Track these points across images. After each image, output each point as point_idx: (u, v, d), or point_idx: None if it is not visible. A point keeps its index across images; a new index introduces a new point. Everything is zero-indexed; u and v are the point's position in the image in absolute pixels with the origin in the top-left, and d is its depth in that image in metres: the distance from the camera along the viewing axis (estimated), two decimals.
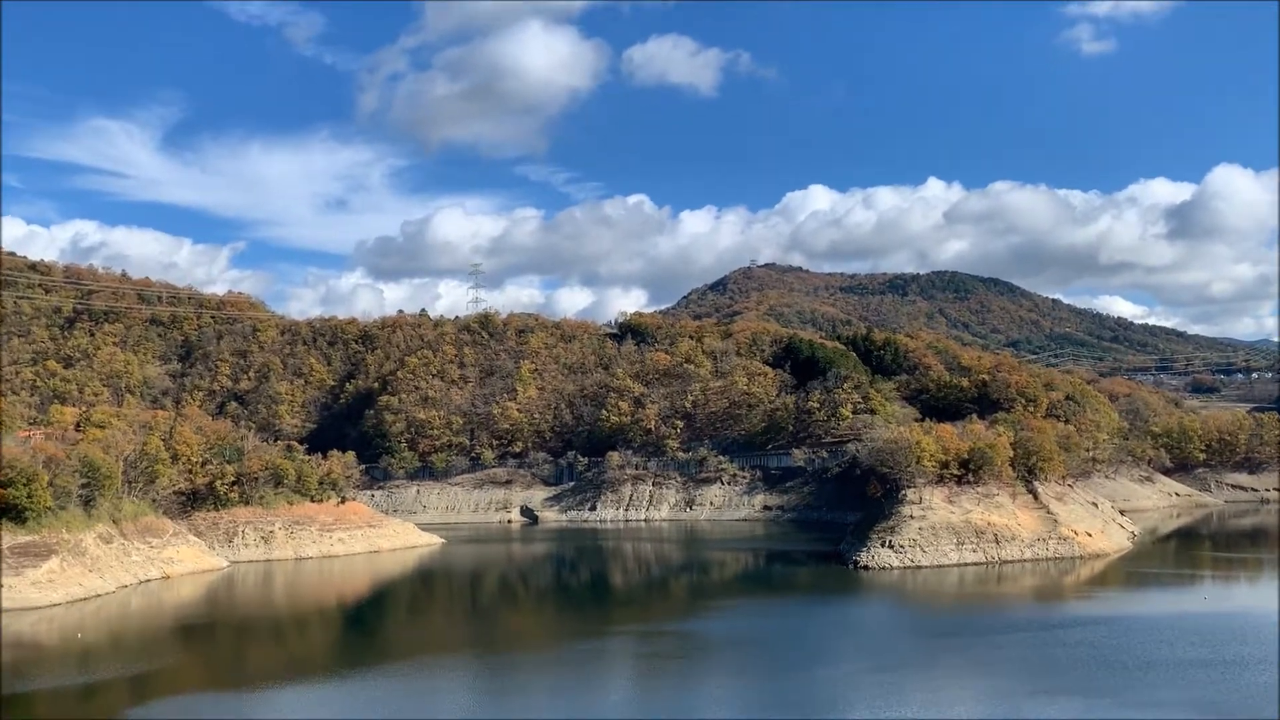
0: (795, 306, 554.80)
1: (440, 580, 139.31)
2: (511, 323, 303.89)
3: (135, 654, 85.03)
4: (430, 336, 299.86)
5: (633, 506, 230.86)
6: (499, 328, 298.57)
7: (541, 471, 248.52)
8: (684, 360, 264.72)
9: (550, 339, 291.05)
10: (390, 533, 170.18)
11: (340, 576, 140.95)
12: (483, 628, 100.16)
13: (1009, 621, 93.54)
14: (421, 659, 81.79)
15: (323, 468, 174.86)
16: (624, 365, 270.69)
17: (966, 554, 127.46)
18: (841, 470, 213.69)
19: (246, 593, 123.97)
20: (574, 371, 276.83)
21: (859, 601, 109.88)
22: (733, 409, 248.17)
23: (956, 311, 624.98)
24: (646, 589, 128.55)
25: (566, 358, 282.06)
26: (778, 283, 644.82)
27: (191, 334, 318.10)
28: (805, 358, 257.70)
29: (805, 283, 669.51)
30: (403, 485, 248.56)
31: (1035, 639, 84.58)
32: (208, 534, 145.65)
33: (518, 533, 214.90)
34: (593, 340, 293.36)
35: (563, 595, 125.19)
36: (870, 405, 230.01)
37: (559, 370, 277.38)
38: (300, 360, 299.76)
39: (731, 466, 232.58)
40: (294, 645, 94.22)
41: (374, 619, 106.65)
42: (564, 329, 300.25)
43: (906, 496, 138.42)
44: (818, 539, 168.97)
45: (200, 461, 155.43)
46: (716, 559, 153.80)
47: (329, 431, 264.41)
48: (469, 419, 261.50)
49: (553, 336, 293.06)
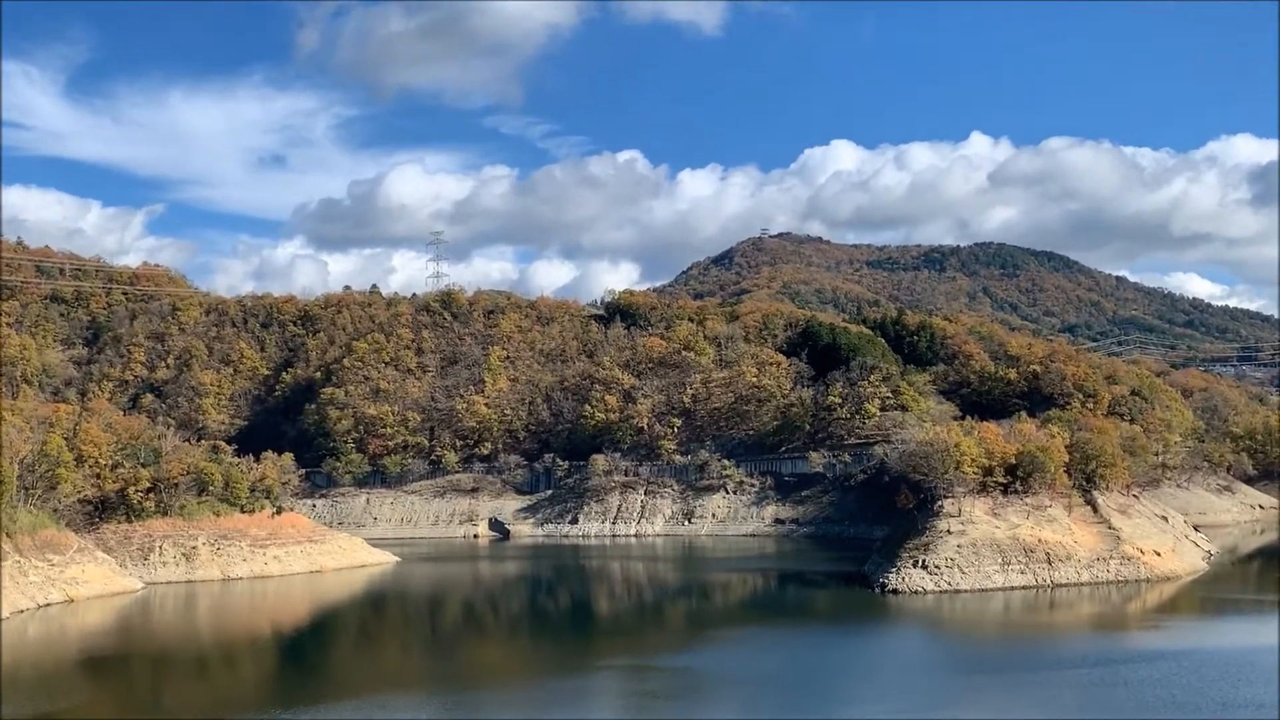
0: (814, 284, 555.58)
1: (394, 605, 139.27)
2: (479, 302, 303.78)
3: (33, 692, 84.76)
4: (382, 317, 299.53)
5: (621, 519, 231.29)
6: (464, 307, 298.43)
7: (514, 477, 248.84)
8: (682, 347, 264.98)
9: (524, 321, 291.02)
10: (335, 549, 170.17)
11: (275, 600, 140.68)
12: (443, 661, 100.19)
13: (1063, 656, 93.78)
14: (371, 697, 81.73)
15: (255, 472, 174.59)
16: (611, 352, 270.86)
17: (1013, 576, 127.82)
18: (867, 477, 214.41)
19: (165, 619, 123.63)
20: (552, 360, 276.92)
21: (886, 631, 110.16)
22: (739, 405, 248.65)
23: (1003, 290, 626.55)
24: (637, 616, 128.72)
25: (543, 343, 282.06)
26: (793, 256, 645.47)
27: (100, 313, 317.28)
28: (825, 344, 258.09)
29: (826, 256, 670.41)
30: (350, 493, 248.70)
31: (1093, 677, 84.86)
32: (119, 550, 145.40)
33: (485, 549, 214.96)
34: (575, 323, 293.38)
35: (538, 623, 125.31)
36: (901, 401, 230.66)
37: (534, 358, 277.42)
38: (228, 345, 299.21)
39: (737, 472, 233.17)
40: (221, 681, 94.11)
41: (315, 651, 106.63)
42: (540, 309, 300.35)
43: (943, 508, 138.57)
44: (838, 558, 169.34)
45: (110, 464, 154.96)
46: (719, 581, 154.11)
47: (262, 429, 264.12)
48: (428, 415, 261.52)
49: (527, 318, 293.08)
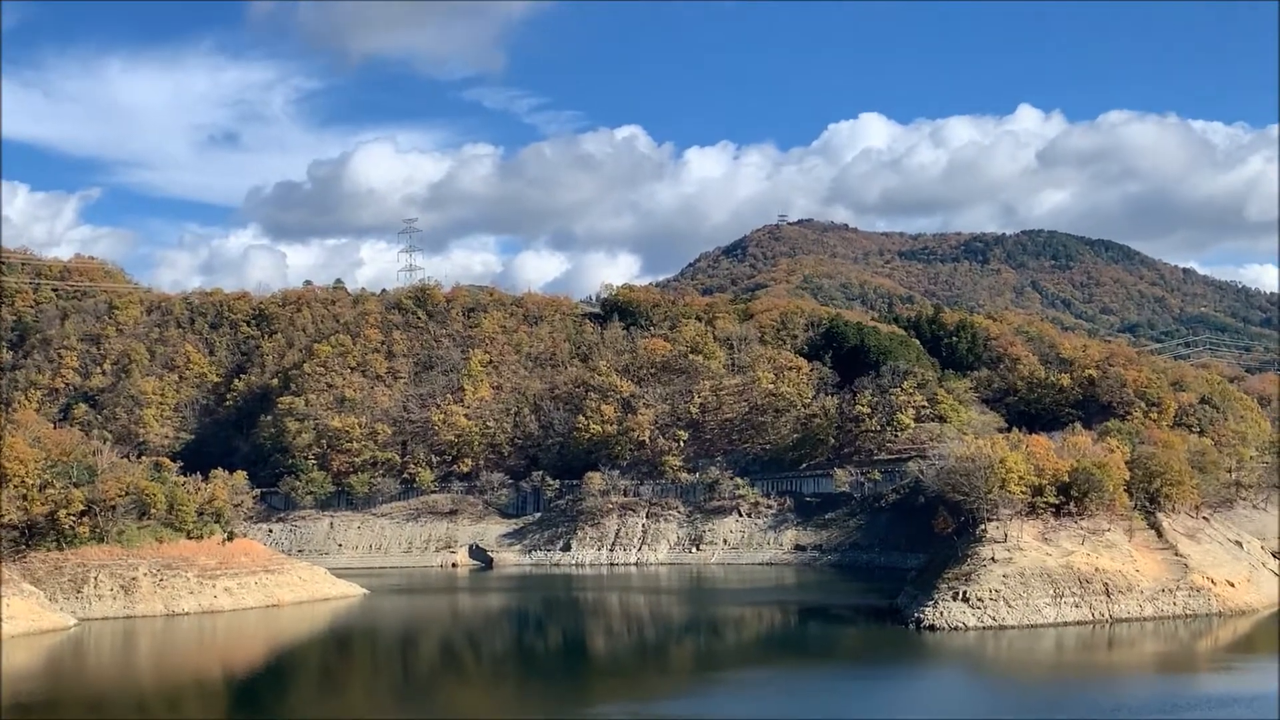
0: (839, 277, 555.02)
1: (361, 643, 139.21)
2: (457, 298, 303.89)
3: None
4: (348, 316, 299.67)
5: (620, 545, 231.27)
6: (440, 305, 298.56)
7: (497, 499, 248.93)
8: (689, 350, 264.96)
9: (509, 320, 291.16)
10: (294, 580, 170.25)
11: (226, 638, 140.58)
12: (416, 707, 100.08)
13: (1123, 700, 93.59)
14: None
15: (203, 493, 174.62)
16: (608, 356, 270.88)
17: (1066, 610, 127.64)
18: (900, 497, 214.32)
19: (101, 660, 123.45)
20: (541, 364, 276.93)
21: (922, 674, 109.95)
22: (754, 415, 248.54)
23: (1054, 285, 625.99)
24: (637, 656, 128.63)
25: (531, 346, 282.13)
26: (815, 245, 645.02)
27: (26, 312, 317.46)
28: (852, 346, 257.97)
29: (852, 245, 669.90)
30: (311, 516, 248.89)
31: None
32: (48, 581, 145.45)
33: (465, 580, 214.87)
34: (567, 322, 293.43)
35: (525, 664, 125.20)
36: (938, 410, 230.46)
37: (521, 362, 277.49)
38: (173, 348, 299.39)
39: (752, 492, 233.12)
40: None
41: (271, 695, 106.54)
42: (528, 307, 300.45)
43: (986, 533, 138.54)
44: (867, 589, 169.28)
45: (38, 484, 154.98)
46: (731, 616, 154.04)
47: (211, 444, 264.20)
48: (400, 428, 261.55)
49: (513, 317, 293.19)
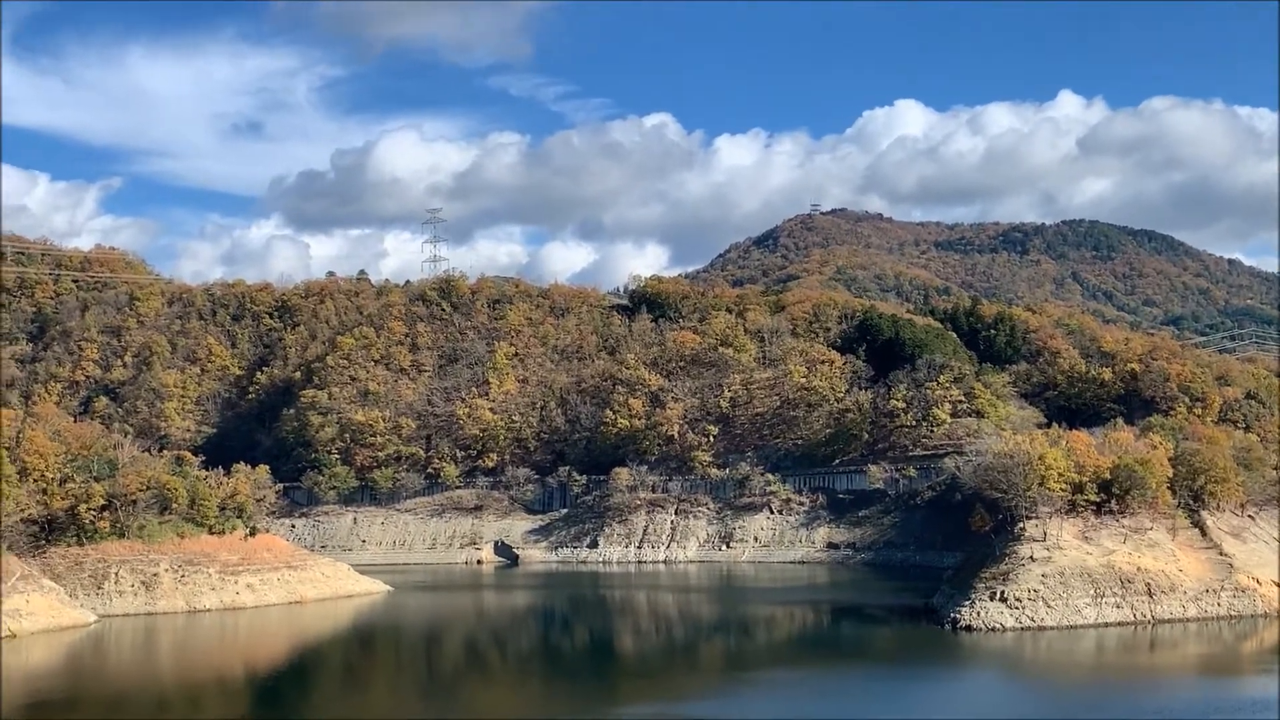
0: (873, 268, 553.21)
1: (385, 641, 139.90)
2: (483, 290, 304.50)
3: None
4: (372, 308, 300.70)
5: (648, 542, 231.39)
6: (465, 297, 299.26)
7: (523, 494, 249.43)
8: (719, 342, 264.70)
9: (536, 312, 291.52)
10: (317, 576, 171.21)
11: (249, 635, 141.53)
12: (440, 706, 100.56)
13: (1166, 704, 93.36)
14: None
15: (225, 488, 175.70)
16: (636, 349, 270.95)
17: (1107, 610, 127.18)
18: (935, 495, 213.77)
19: (121, 658, 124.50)
20: (568, 357, 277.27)
21: (958, 675, 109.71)
22: (786, 410, 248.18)
23: (1096, 276, 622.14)
24: (666, 656, 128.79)
25: (558, 338, 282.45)
26: (849, 236, 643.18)
27: (46, 304, 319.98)
28: (886, 339, 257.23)
29: (887, 236, 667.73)
30: (334, 512, 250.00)
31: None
32: (68, 577, 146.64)
33: (490, 577, 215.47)
34: (594, 315, 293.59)
35: (551, 663, 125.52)
36: (976, 405, 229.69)
37: (547, 355, 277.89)
38: (194, 340, 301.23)
39: (784, 489, 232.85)
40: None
41: (294, 694, 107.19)
42: (555, 299, 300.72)
43: (1025, 531, 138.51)
44: (902, 588, 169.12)
45: (58, 479, 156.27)
46: (762, 615, 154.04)
47: (233, 438, 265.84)
48: (424, 422, 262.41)
49: (539, 309, 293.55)
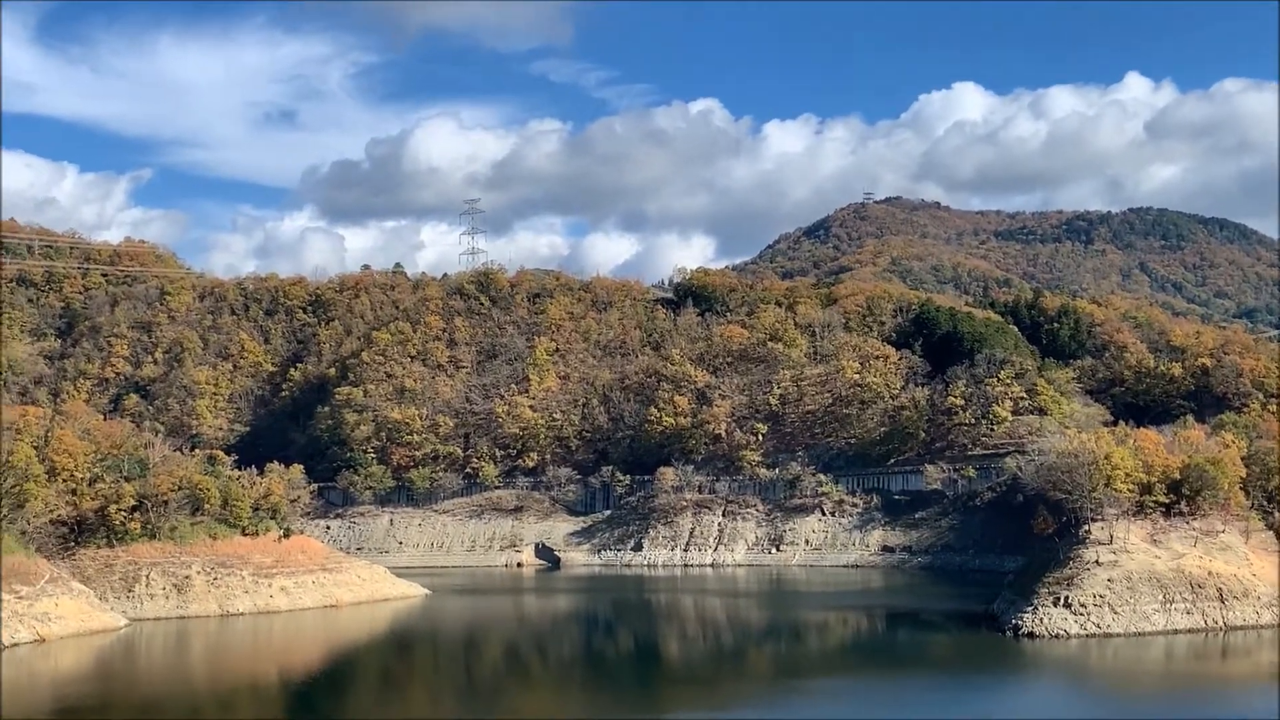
0: (930, 259, 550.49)
1: (423, 647, 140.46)
2: (522, 283, 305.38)
3: None
4: (408, 303, 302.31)
5: (695, 545, 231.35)
6: (504, 290, 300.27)
7: (565, 495, 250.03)
8: (768, 337, 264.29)
9: (577, 306, 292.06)
10: (353, 579, 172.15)
11: (283, 640, 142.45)
12: (480, 712, 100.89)
13: (1239, 714, 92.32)
14: None
15: (258, 488, 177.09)
16: (682, 344, 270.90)
17: (1177, 617, 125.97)
18: (996, 496, 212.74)
19: (153, 663, 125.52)
20: (611, 353, 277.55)
21: (1020, 684, 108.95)
22: (838, 407, 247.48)
23: (1164, 267, 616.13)
24: (713, 662, 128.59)
25: (600, 333, 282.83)
26: (904, 225, 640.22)
27: (75, 299, 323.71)
28: (944, 333, 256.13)
29: (944, 225, 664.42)
30: (370, 513, 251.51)
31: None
32: (98, 580, 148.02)
33: (531, 580, 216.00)
34: (638, 308, 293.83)
35: (594, 670, 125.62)
36: (1038, 402, 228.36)
37: (589, 351, 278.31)
38: (226, 336, 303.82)
39: (836, 490, 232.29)
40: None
41: (329, 700, 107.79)
42: (597, 292, 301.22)
43: (1090, 534, 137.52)
44: (960, 594, 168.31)
45: (88, 479, 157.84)
46: (814, 620, 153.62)
47: (267, 436, 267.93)
48: (462, 420, 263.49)
49: (580, 303, 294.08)
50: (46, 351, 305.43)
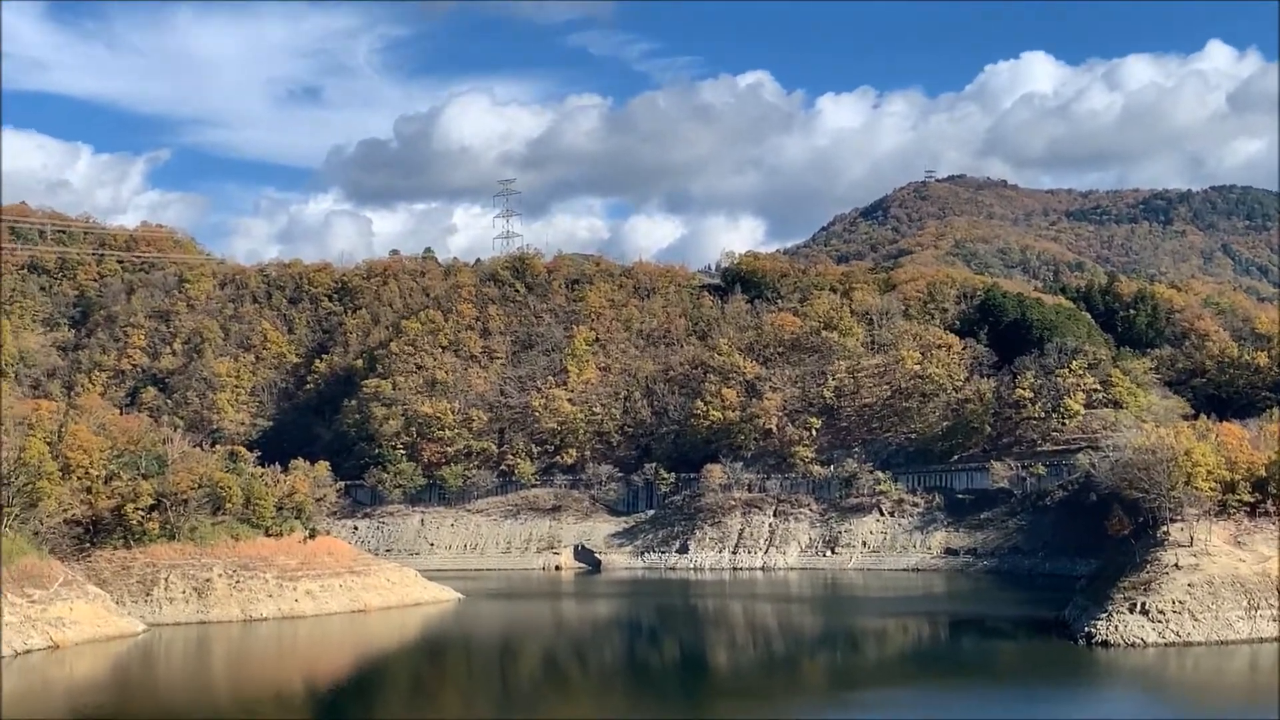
0: (996, 242, 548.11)
1: (456, 654, 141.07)
2: (560, 269, 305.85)
3: None
4: (439, 290, 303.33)
5: (744, 547, 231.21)
6: (541, 276, 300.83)
7: (605, 494, 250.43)
8: (822, 325, 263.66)
9: (618, 293, 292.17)
10: (382, 583, 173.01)
11: (309, 646, 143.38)
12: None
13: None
14: None
15: (282, 486, 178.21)
16: (730, 333, 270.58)
17: (1263, 624, 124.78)
18: (1067, 495, 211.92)
19: (172, 670, 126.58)
20: (654, 343, 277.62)
21: (1093, 696, 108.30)
22: (898, 400, 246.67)
23: (1249, 249, 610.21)
24: (764, 670, 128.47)
25: (642, 322, 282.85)
26: (969, 205, 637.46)
27: (89, 286, 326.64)
28: (1011, 321, 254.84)
29: (1012, 205, 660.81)
30: (400, 513, 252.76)
31: None
32: (115, 583, 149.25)
33: (570, 584, 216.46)
34: (682, 295, 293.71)
35: (637, 678, 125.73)
36: (1113, 395, 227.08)
37: (631, 340, 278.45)
38: (248, 326, 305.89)
39: (895, 488, 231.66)
40: None
41: (357, 709, 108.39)
42: (639, 278, 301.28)
43: (1169, 535, 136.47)
44: (1029, 599, 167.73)
45: (104, 476, 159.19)
46: (872, 627, 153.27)
47: (291, 432, 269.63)
48: (497, 414, 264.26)
49: (622, 289, 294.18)
50: (60, 342, 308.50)
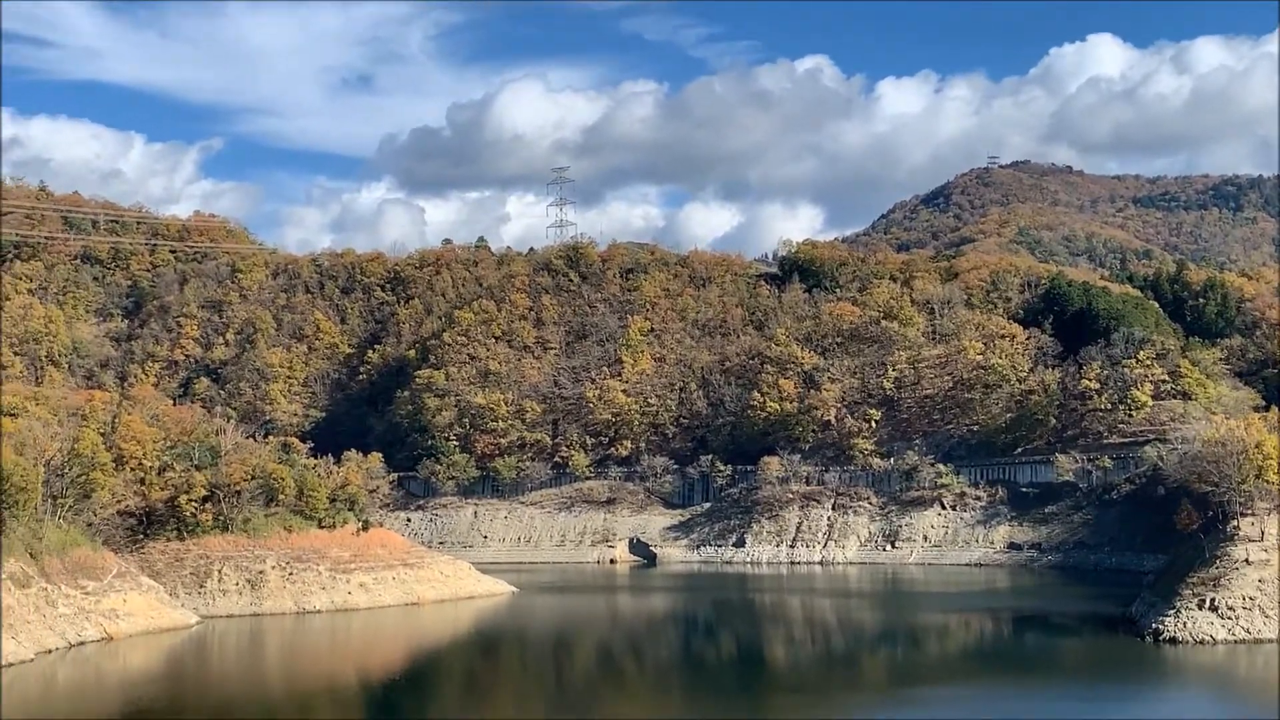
0: (1061, 229, 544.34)
1: (509, 648, 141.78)
2: (614, 258, 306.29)
3: None
4: (492, 279, 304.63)
5: (802, 541, 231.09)
6: (595, 265, 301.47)
7: (661, 486, 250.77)
8: (882, 315, 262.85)
9: (674, 283, 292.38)
10: (435, 575, 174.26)
11: (362, 639, 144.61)
12: (571, 718, 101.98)
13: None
14: None
15: (335, 477, 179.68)
16: (788, 323, 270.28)
17: None
18: (1134, 488, 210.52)
19: (225, 662, 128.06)
20: (710, 333, 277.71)
21: (1161, 695, 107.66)
22: (960, 391, 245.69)
23: None
24: (823, 667, 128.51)
25: (698, 311, 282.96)
26: (1033, 192, 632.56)
27: (142, 277, 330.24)
28: (1077, 310, 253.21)
29: (1077, 191, 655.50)
30: (453, 504, 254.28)
31: None
32: (168, 575, 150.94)
33: (625, 578, 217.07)
34: (739, 284, 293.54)
35: (693, 674, 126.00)
36: (1182, 386, 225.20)
37: (687, 331, 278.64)
38: (301, 316, 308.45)
39: (958, 481, 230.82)
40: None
41: (412, 703, 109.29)
42: (695, 267, 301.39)
43: (1240, 530, 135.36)
44: (1095, 594, 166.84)
45: (157, 467, 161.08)
46: (934, 624, 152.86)
47: (343, 423, 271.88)
48: (550, 405, 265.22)
49: (677, 279, 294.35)
50: (113, 332, 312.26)
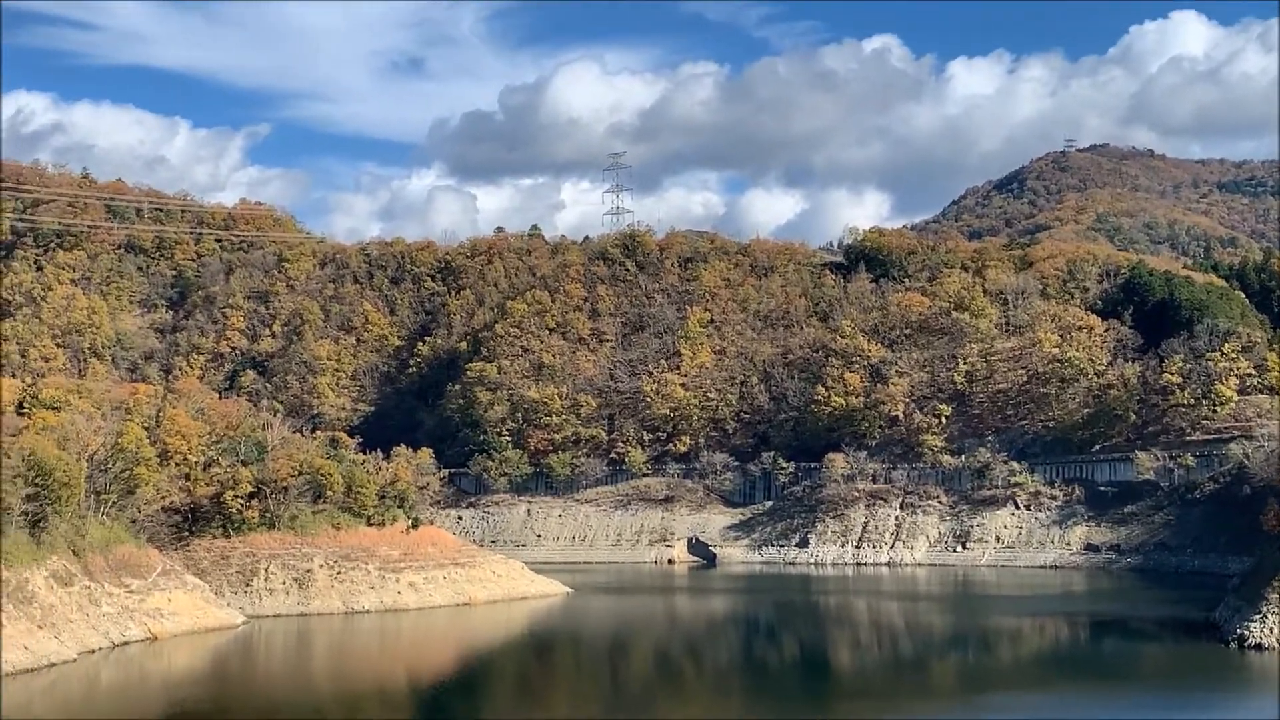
0: (1141, 216, 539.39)
1: (564, 650, 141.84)
2: (673, 246, 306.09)
3: None
4: (546, 269, 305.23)
5: (868, 541, 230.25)
6: (653, 254, 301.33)
7: (720, 484, 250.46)
8: (952, 306, 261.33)
9: (735, 272, 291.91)
10: (487, 575, 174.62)
11: (412, 640, 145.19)
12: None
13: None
14: None
15: (384, 474, 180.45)
16: (853, 314, 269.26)
17: None
18: (1219, 487, 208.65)
19: (272, 663, 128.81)
20: (772, 324, 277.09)
21: (1244, 702, 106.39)
22: (1034, 386, 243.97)
23: None
24: (890, 672, 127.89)
25: (760, 302, 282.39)
26: (1111, 177, 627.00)
27: (187, 266, 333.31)
28: (1158, 301, 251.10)
29: (1158, 176, 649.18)
30: (505, 502, 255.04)
31: None
32: (213, 573, 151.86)
33: (684, 579, 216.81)
34: (803, 274, 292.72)
35: (755, 678, 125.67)
36: (1269, 380, 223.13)
37: (748, 322, 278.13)
38: (349, 306, 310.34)
39: (1032, 479, 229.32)
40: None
41: (463, 706, 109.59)
42: (756, 256, 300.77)
43: None
44: (1176, 598, 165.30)
45: (202, 463, 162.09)
46: (1007, 627, 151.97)
47: (393, 417, 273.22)
48: (606, 400, 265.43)
49: (738, 268, 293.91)
50: (157, 324, 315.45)
